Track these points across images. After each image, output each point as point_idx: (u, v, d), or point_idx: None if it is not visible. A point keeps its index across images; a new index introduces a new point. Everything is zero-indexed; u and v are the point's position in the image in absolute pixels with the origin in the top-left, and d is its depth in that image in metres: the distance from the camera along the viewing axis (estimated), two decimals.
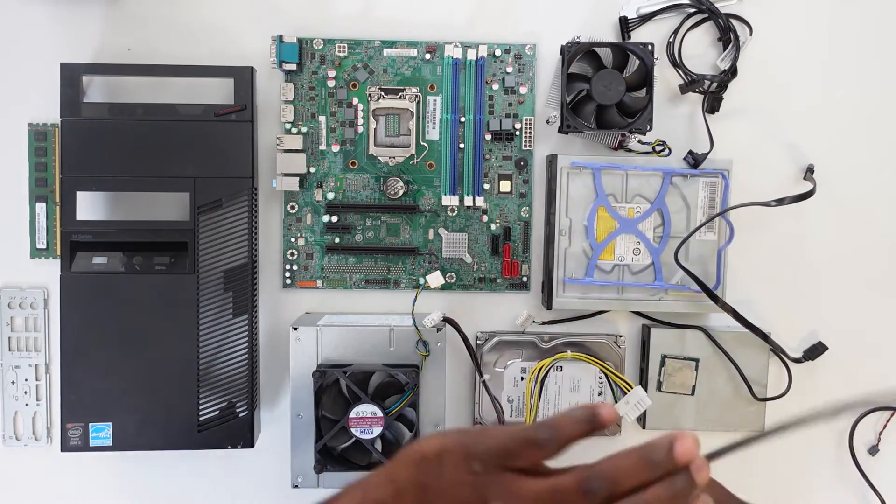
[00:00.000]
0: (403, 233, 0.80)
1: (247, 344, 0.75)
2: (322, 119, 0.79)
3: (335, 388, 0.72)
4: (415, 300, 0.75)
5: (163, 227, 0.74)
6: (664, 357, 0.80)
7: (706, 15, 0.79)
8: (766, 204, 0.74)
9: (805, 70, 0.81)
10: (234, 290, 0.74)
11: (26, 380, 0.80)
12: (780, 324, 0.82)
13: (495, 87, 0.79)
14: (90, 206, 0.75)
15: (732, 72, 0.79)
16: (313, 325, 0.73)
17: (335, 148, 0.79)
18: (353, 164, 0.79)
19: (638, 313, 0.82)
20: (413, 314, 0.74)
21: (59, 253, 0.74)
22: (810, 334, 0.83)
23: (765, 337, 0.79)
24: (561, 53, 0.75)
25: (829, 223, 0.82)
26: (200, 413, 0.74)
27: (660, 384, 0.80)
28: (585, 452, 0.41)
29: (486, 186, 0.80)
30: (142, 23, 0.79)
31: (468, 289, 0.81)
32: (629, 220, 0.77)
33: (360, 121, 0.79)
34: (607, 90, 0.74)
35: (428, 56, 0.79)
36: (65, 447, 0.74)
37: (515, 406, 0.80)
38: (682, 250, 0.76)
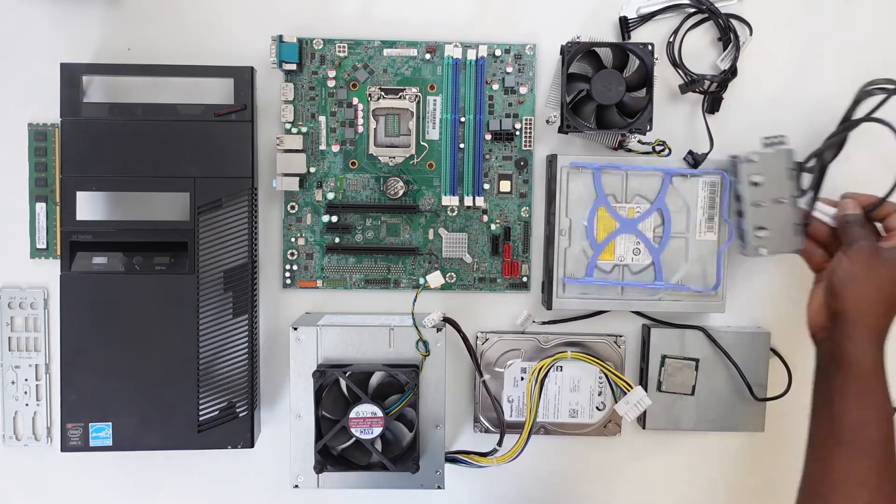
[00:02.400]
0: (403, 233, 0.80)
1: (247, 344, 0.75)
2: (322, 119, 0.79)
3: (335, 388, 0.72)
4: (415, 300, 0.75)
5: (163, 227, 0.74)
6: (664, 357, 0.80)
7: (706, 15, 0.79)
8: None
9: (805, 70, 0.81)
10: (234, 290, 0.74)
11: (26, 380, 0.80)
12: (780, 324, 0.82)
13: (495, 87, 0.79)
14: (90, 206, 0.75)
15: (732, 72, 0.79)
16: (313, 325, 0.73)
17: (335, 148, 0.79)
18: (353, 164, 0.79)
19: (638, 313, 0.82)
20: (413, 314, 0.74)
21: (59, 253, 0.74)
22: None
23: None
24: (561, 53, 0.75)
25: None
26: (200, 413, 0.74)
27: (660, 384, 0.80)
28: (586, 451, 0.41)
29: (486, 186, 0.80)
30: (142, 23, 0.79)
31: (468, 289, 0.81)
32: (629, 220, 0.77)
33: (360, 121, 0.79)
34: (607, 90, 0.74)
35: (428, 56, 0.79)
36: (65, 447, 0.74)
37: (515, 406, 0.80)
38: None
